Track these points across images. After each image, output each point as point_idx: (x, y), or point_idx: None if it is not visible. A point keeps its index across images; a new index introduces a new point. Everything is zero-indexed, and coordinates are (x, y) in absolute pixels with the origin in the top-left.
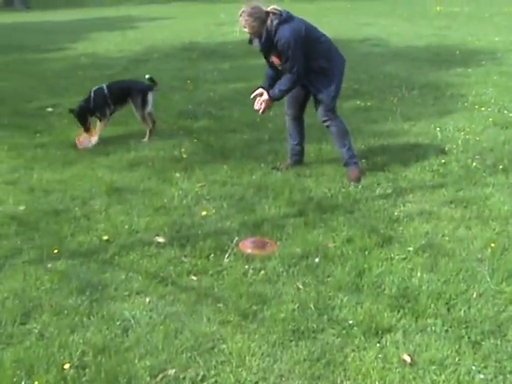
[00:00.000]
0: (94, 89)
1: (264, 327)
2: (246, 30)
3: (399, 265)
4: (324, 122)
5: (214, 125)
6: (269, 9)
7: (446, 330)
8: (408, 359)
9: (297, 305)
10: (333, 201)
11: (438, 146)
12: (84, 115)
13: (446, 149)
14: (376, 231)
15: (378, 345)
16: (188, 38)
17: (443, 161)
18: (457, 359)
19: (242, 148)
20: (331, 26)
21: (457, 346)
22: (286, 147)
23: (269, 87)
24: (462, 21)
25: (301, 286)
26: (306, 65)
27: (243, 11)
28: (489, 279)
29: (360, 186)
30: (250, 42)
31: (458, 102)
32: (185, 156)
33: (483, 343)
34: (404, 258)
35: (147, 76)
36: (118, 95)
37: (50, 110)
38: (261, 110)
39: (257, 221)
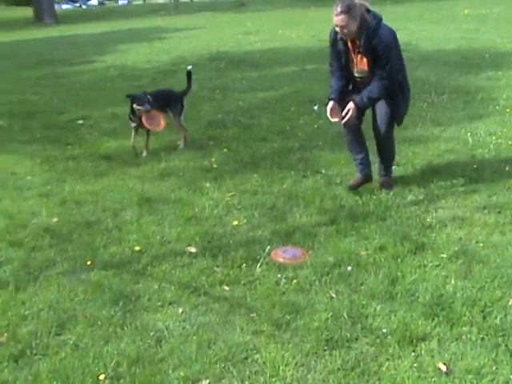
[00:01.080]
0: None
1: (297, 337)
2: (343, 30)
3: (433, 272)
4: (383, 138)
5: (244, 134)
6: (362, 3)
7: (482, 338)
8: (444, 368)
9: (330, 314)
10: (364, 208)
11: (469, 151)
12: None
13: (478, 154)
14: (408, 238)
15: (412, 353)
16: (216, 47)
17: (475, 166)
18: (494, 368)
19: (273, 156)
20: None
21: (493, 355)
22: (315, 154)
23: (338, 100)
24: (490, 23)
25: (334, 295)
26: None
27: (339, 8)
28: None
29: (391, 193)
30: (334, 44)
31: (488, 105)
32: (215, 166)
33: None
34: (437, 265)
35: (189, 67)
36: (158, 103)
37: (80, 122)
38: (345, 119)
39: (288, 230)
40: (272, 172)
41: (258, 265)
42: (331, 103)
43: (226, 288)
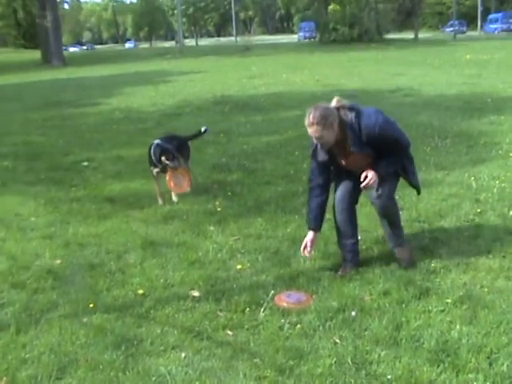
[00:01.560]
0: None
1: (301, 383)
2: (320, 141)
3: (437, 317)
4: (385, 208)
5: (248, 178)
6: (335, 104)
7: None
8: None
9: (334, 359)
10: (368, 253)
11: (473, 196)
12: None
13: (482, 198)
14: (413, 283)
15: None
16: (220, 91)
17: (479, 210)
18: None
19: (277, 200)
20: (362, 76)
21: None
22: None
23: (319, 230)
24: (492, 68)
25: (338, 340)
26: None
27: (311, 119)
28: None
29: None
30: (314, 155)
31: (491, 150)
32: (219, 209)
33: None
34: (442, 311)
35: (203, 128)
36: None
37: (85, 164)
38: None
39: (292, 274)
40: (276, 216)
41: (262, 309)
42: (311, 235)
43: (230, 333)
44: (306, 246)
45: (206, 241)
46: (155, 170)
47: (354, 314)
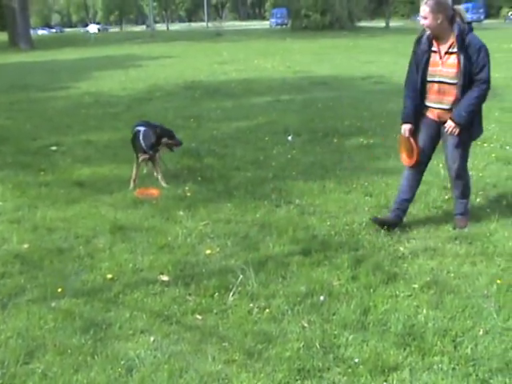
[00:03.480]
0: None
1: (269, 366)
2: (426, 21)
3: (404, 302)
4: (457, 176)
5: (218, 163)
6: (455, 8)
7: (453, 368)
8: None
9: (302, 343)
10: (337, 238)
11: (441, 183)
12: None
13: (449, 185)
14: (381, 268)
15: (384, 383)
16: (191, 76)
17: (446, 197)
18: None
19: (246, 186)
20: (333, 63)
21: None
22: (288, 184)
23: (414, 120)
24: None
25: (306, 325)
26: None
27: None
28: (495, 316)
29: (364, 224)
30: (418, 42)
31: None
32: (189, 194)
33: (491, 381)
34: (409, 295)
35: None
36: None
37: (53, 148)
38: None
39: (261, 259)
40: (245, 201)
41: (231, 294)
42: (408, 126)
43: (198, 317)
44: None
45: (176, 225)
46: (143, 157)
47: (322, 298)
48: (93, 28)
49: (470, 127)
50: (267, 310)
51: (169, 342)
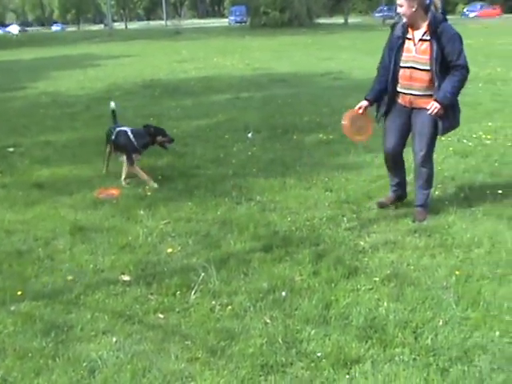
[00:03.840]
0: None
1: (232, 363)
2: (402, 9)
3: (366, 295)
4: (422, 162)
5: (178, 161)
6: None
7: (414, 359)
8: None
9: (265, 339)
10: (298, 234)
11: None
12: None
13: (409, 179)
14: (342, 263)
15: (347, 376)
16: (150, 75)
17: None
18: None
19: (206, 184)
20: (292, 60)
21: (425, 374)
22: (249, 181)
23: (374, 100)
24: None
25: (268, 321)
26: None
27: None
28: (454, 306)
29: (324, 218)
30: (393, 27)
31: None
32: (149, 193)
33: (451, 370)
34: (370, 289)
35: None
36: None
37: (11, 149)
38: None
39: (222, 256)
40: (206, 199)
41: (193, 292)
42: (364, 102)
43: (161, 316)
44: (353, 114)
45: (136, 225)
46: (137, 157)
47: (284, 294)
48: (14, 29)
49: (444, 117)
50: (229, 307)
51: (131, 342)
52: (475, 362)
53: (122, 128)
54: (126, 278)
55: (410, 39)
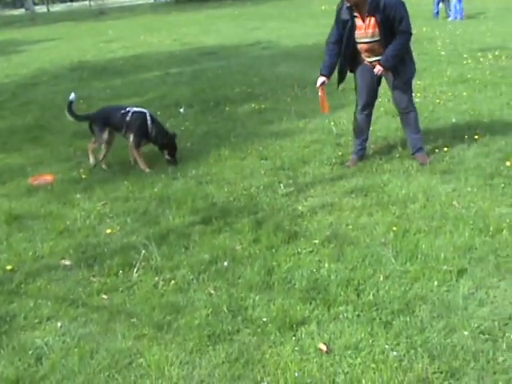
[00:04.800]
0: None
1: (180, 336)
2: None
3: (307, 258)
4: (404, 109)
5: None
6: None
7: (358, 315)
8: (324, 348)
9: (210, 310)
10: (236, 204)
11: (334, 140)
12: None
13: (342, 142)
14: (281, 228)
15: (293, 338)
16: (77, 57)
17: (340, 153)
18: (370, 341)
19: None
20: (220, 32)
21: (369, 329)
22: (184, 156)
23: (329, 75)
24: None
25: (212, 291)
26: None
27: None
28: (393, 261)
29: (261, 187)
30: (338, 13)
31: (349, 95)
32: (84, 176)
33: (394, 322)
34: (311, 251)
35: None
36: None
37: None
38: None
39: (162, 232)
40: (142, 177)
41: (135, 270)
42: (322, 79)
43: (105, 296)
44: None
45: (74, 209)
46: (142, 144)
47: (226, 264)
48: None
49: (405, 67)
50: (173, 282)
51: (77, 326)
52: (416, 313)
53: (138, 109)
54: (67, 262)
55: (357, 17)
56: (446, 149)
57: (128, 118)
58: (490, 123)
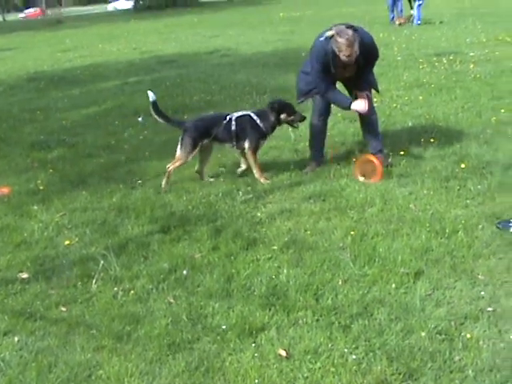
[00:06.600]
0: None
1: (139, 346)
2: (350, 58)
3: (266, 264)
4: (373, 115)
5: (69, 152)
6: (334, 30)
7: (317, 320)
8: (284, 353)
9: (170, 319)
10: (195, 212)
11: (292, 146)
12: None
13: (300, 148)
14: (240, 235)
15: (253, 345)
16: (33, 67)
17: (298, 159)
18: (329, 345)
19: (100, 172)
20: (179, 41)
21: (328, 333)
22: (143, 165)
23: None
24: (303, 24)
25: (172, 300)
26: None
27: (352, 37)
28: (352, 265)
29: (220, 194)
30: (324, 55)
31: (307, 101)
32: (41, 188)
33: (352, 326)
34: (270, 258)
35: None
36: None
37: None
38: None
39: (121, 242)
40: (100, 187)
41: (94, 281)
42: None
43: (63, 309)
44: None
45: (31, 221)
46: (263, 144)
47: (185, 272)
48: None
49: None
50: (132, 292)
51: (35, 339)
52: (375, 316)
53: (241, 113)
54: (25, 275)
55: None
56: (402, 152)
57: (233, 127)
58: (445, 127)
